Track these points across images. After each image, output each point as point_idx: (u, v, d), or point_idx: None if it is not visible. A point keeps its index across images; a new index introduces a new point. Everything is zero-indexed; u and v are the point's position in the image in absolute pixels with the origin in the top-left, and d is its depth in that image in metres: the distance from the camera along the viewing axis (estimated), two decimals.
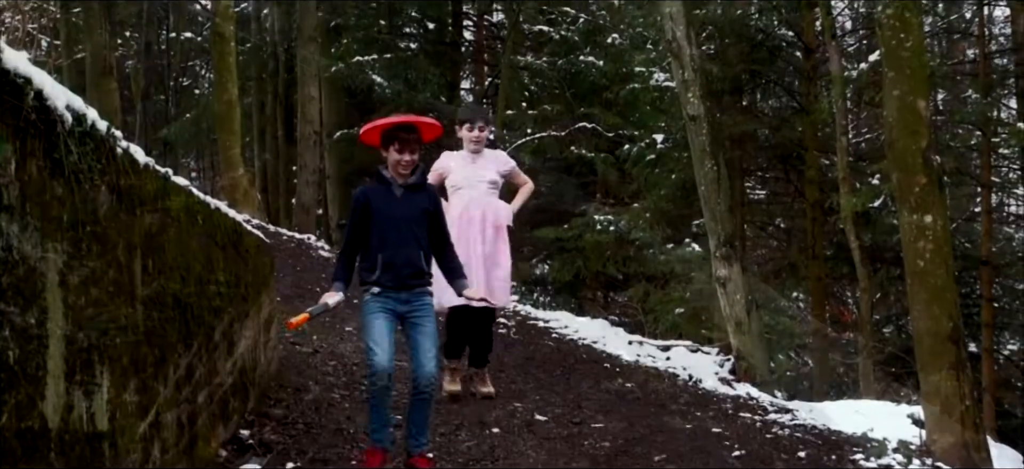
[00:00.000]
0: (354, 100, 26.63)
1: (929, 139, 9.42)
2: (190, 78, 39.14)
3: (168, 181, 5.73)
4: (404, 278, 6.89)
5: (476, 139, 9.66)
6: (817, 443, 9.36)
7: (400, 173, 7.02)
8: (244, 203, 20.56)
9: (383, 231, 6.92)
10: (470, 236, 9.33)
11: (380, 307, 6.85)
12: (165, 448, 5.59)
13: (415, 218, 7.02)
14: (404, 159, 6.96)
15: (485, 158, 9.77)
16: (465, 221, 9.37)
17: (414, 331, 6.92)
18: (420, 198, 7.11)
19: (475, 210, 9.47)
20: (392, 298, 6.88)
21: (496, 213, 9.60)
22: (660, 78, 21.03)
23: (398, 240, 6.92)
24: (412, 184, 7.08)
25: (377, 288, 6.89)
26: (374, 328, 6.77)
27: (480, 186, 9.59)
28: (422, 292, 7.01)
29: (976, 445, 9.34)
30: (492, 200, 9.66)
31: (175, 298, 5.81)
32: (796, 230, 23.33)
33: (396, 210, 6.98)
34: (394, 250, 6.90)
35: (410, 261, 6.94)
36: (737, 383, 12.99)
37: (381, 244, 6.91)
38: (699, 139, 13.63)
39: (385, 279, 6.88)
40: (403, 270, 6.90)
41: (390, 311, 6.87)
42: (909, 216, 9.42)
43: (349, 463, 7.23)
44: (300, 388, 8.92)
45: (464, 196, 9.54)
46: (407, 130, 7.03)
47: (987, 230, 17.67)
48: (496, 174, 9.74)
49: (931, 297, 9.37)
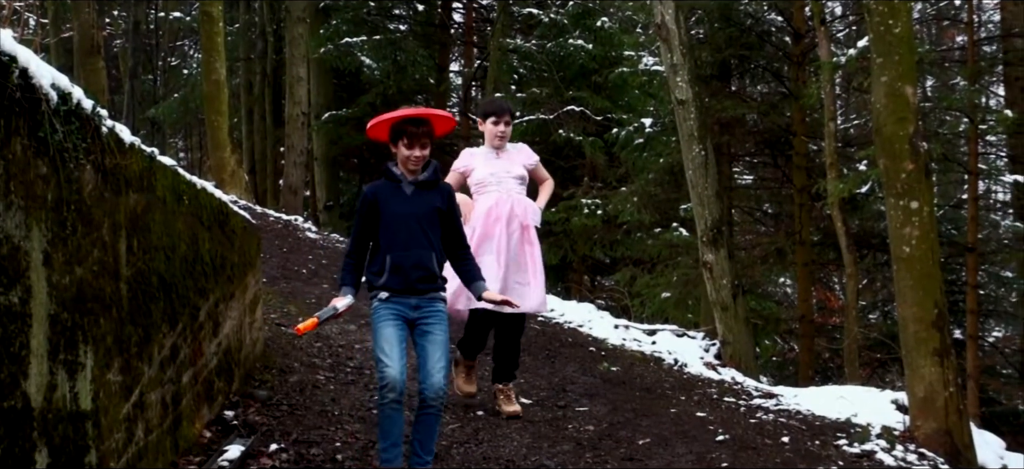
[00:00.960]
0: (342, 81, 26.61)
1: (916, 125, 9.43)
2: (178, 58, 39.12)
3: (154, 161, 5.72)
4: (413, 281, 6.46)
5: (502, 134, 8.87)
6: (801, 428, 9.39)
7: (410, 170, 6.56)
8: (231, 184, 20.53)
9: (391, 231, 6.49)
10: (497, 236, 8.57)
11: (389, 313, 6.42)
12: (149, 428, 5.59)
13: (426, 217, 6.55)
14: (414, 155, 6.49)
15: (509, 152, 8.99)
16: (491, 220, 8.59)
17: (423, 339, 6.47)
18: (431, 196, 6.61)
19: (503, 208, 8.64)
20: (401, 303, 6.45)
21: (525, 211, 8.77)
22: (649, 62, 21.04)
23: (407, 240, 6.47)
24: (423, 181, 6.60)
25: (385, 293, 6.46)
26: (383, 336, 6.33)
27: (508, 182, 8.79)
28: (434, 297, 6.57)
29: (959, 431, 9.38)
30: (521, 198, 8.84)
31: (160, 278, 5.81)
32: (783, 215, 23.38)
33: (405, 209, 6.52)
34: (403, 251, 6.46)
35: (420, 263, 6.48)
36: (722, 368, 13.03)
37: (389, 245, 6.48)
38: (687, 123, 13.65)
39: (393, 282, 6.45)
40: (412, 273, 6.45)
41: (400, 317, 6.44)
42: (896, 202, 9.44)
43: (333, 444, 7.23)
44: (285, 369, 8.92)
45: (491, 194, 8.73)
46: (417, 124, 6.52)
47: (973, 217, 17.69)
48: (523, 168, 8.96)
49: (916, 283, 9.39)
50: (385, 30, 25.60)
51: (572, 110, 22.42)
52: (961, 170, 19.25)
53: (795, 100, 19.21)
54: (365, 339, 10.70)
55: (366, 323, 11.65)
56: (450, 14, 28.43)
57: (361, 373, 9.32)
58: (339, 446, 7.21)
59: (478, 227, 8.52)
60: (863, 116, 23.33)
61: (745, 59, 20.75)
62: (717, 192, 13.88)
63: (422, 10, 27.69)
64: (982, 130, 17.85)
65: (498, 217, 8.60)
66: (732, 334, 13.68)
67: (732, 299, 13.69)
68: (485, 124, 8.95)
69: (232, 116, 26.46)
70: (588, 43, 23.32)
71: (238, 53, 30.80)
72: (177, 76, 36.49)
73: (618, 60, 22.80)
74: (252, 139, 30.28)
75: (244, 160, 28.50)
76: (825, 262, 22.04)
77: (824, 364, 22.22)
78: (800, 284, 20.03)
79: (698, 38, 20.09)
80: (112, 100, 29.80)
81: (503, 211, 8.63)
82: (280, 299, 11.89)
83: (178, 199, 6.21)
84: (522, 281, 8.65)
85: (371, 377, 9.14)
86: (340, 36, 24.26)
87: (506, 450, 7.79)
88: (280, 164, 28.07)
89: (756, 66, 21.45)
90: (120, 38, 34.84)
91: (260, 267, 9.30)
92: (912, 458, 8.92)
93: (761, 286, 23.34)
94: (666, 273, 20.16)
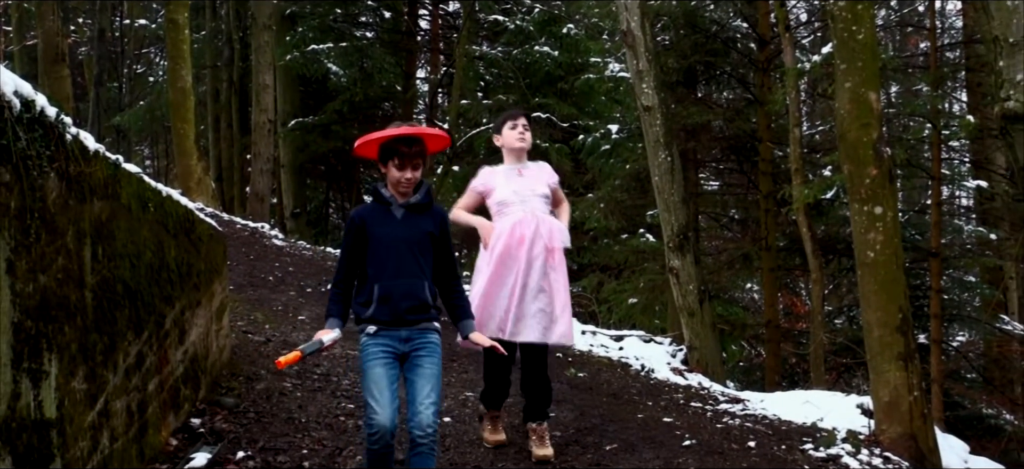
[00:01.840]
0: (309, 88, 26.58)
1: (880, 131, 9.49)
2: (144, 65, 38.97)
3: (119, 168, 5.70)
4: (403, 312, 5.94)
5: (521, 135, 8.07)
6: (767, 433, 9.43)
7: (401, 192, 6.06)
8: (198, 191, 20.50)
9: (380, 258, 5.99)
10: (519, 260, 7.71)
11: (378, 350, 5.90)
12: (114, 436, 5.56)
13: (417, 243, 6.05)
14: (406, 177, 5.99)
15: (532, 170, 8.16)
16: (514, 242, 7.74)
17: (412, 372, 5.95)
18: (423, 220, 6.12)
19: (527, 227, 7.77)
20: (390, 337, 5.94)
21: (551, 233, 7.86)
22: (615, 69, 21.12)
23: (397, 268, 5.97)
24: (415, 204, 6.10)
25: (373, 326, 5.94)
26: (372, 378, 5.83)
27: (533, 201, 7.92)
28: (425, 328, 6.03)
29: (924, 435, 9.44)
30: (547, 218, 7.95)
31: (125, 286, 5.78)
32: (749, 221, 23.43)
33: (395, 234, 6.02)
34: (392, 279, 5.95)
35: (410, 292, 5.98)
36: (689, 373, 13.07)
37: (378, 273, 5.97)
38: (653, 130, 13.69)
39: (381, 313, 5.94)
40: (402, 303, 5.94)
41: (390, 354, 5.92)
42: (860, 207, 9.50)
43: (300, 452, 7.21)
44: (252, 377, 8.89)
45: (514, 213, 7.85)
46: (409, 143, 5.99)
47: (936, 222, 17.77)
48: (547, 187, 8.08)
49: (881, 288, 9.45)
50: (351, 37, 25.57)
51: (538, 117, 22.43)
52: (925, 175, 19.35)
53: (760, 106, 19.28)
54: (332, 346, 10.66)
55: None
56: (416, 21, 28.40)
57: (328, 380, 9.30)
58: (306, 453, 7.20)
59: (498, 247, 7.73)
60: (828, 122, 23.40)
61: (711, 65, 20.79)
62: (683, 198, 13.92)
63: (388, 17, 27.67)
64: (945, 136, 17.96)
65: (522, 237, 7.75)
66: (699, 339, 13.72)
67: (699, 305, 13.72)
68: (502, 134, 8.16)
69: (198, 123, 26.44)
70: (554, 50, 23.35)
71: (204, 60, 30.74)
72: (143, 83, 36.41)
73: (584, 67, 22.88)
74: (219, 146, 30.22)
75: (211, 167, 28.47)
76: (791, 267, 22.11)
77: (790, 369, 22.30)
78: (766, 289, 20.09)
79: (664, 44, 20.12)
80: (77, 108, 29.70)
81: (527, 230, 7.77)
82: (247, 306, 11.86)
83: (143, 206, 6.18)
84: (545, 308, 7.75)
85: (338, 384, 9.14)
86: (306, 43, 24.21)
87: (472, 457, 7.80)
88: (247, 171, 27.98)
89: (722, 72, 21.50)
90: (85, 45, 34.73)
91: (227, 274, 9.27)
92: (877, 462, 8.97)
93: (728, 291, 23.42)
94: (633, 279, 20.20)
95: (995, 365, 21.73)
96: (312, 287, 14.14)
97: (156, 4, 35.00)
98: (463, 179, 22.88)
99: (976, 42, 20.06)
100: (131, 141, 35.57)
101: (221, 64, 29.96)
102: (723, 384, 12.97)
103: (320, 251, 18.42)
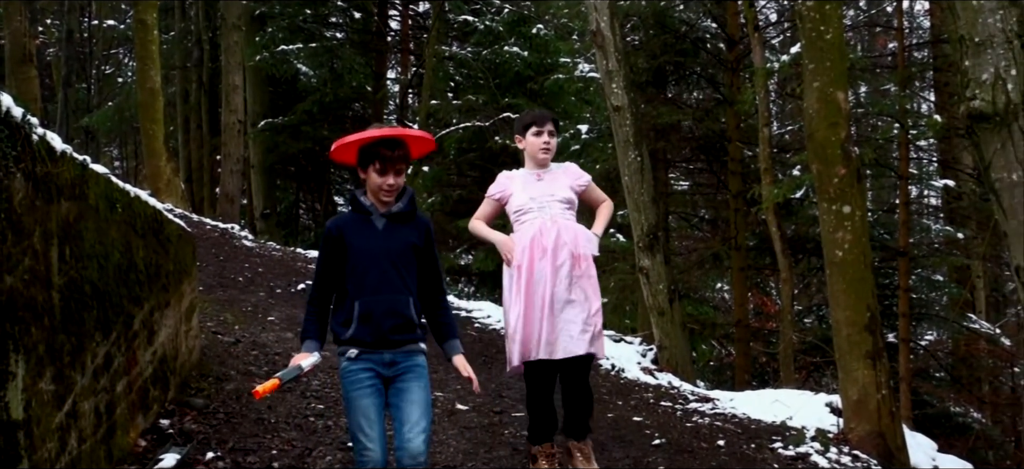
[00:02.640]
0: (279, 89, 26.52)
1: (848, 131, 9.55)
2: (113, 66, 38.80)
3: (86, 169, 5.67)
4: (386, 332, 5.45)
5: (546, 145, 7.48)
6: (737, 431, 9.47)
7: (382, 200, 5.55)
8: (167, 192, 20.44)
9: (360, 273, 5.49)
10: (543, 271, 7.21)
11: (363, 378, 5.42)
12: (82, 437, 5.54)
13: (400, 256, 5.56)
14: (387, 183, 5.48)
15: (553, 173, 7.61)
16: (536, 252, 7.25)
17: (399, 398, 5.47)
18: (407, 231, 5.63)
19: (548, 237, 7.26)
20: (372, 360, 5.45)
21: (575, 240, 7.33)
22: (585, 69, 21.16)
23: (378, 284, 5.48)
24: (397, 213, 5.61)
25: (354, 349, 5.45)
26: (359, 410, 5.40)
27: (553, 207, 7.40)
28: (411, 349, 5.55)
29: (892, 434, 9.49)
30: (569, 224, 7.42)
31: (93, 286, 5.76)
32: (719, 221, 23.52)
33: (376, 246, 5.53)
34: (373, 296, 5.46)
35: (393, 310, 5.48)
36: (659, 372, 13.10)
37: (357, 289, 5.47)
38: (623, 129, 13.71)
39: (362, 333, 5.45)
40: (384, 322, 5.45)
41: (375, 380, 5.45)
42: (828, 206, 9.55)
43: (270, 452, 7.20)
44: (222, 377, 8.87)
45: (534, 221, 7.36)
46: (391, 146, 5.49)
47: (904, 221, 17.87)
48: (570, 190, 7.52)
49: (849, 287, 9.50)
50: (321, 37, 25.54)
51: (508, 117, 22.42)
52: (893, 175, 19.45)
53: (730, 106, 19.35)
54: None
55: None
56: (386, 22, 28.38)
57: (297, 381, 9.28)
58: (276, 454, 7.18)
59: (524, 264, 7.24)
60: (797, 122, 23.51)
61: (680, 65, 20.88)
62: (653, 198, 13.94)
63: (358, 18, 27.64)
64: (913, 135, 18.05)
65: (544, 248, 7.24)
66: (669, 339, 13.74)
67: (668, 304, 13.75)
68: (525, 138, 7.58)
69: (168, 124, 26.38)
70: (524, 50, 23.34)
71: (173, 61, 30.69)
72: (111, 84, 36.25)
73: (554, 67, 22.88)
74: (188, 147, 30.15)
75: (180, 168, 28.39)
76: (761, 267, 22.20)
77: (760, 368, 22.37)
78: (736, 289, 20.15)
79: (633, 45, 20.19)
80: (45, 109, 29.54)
81: (549, 240, 7.26)
82: (217, 307, 11.83)
83: (111, 207, 6.16)
84: (575, 320, 7.19)
85: (308, 385, 9.12)
86: (276, 44, 24.15)
87: (442, 456, 7.80)
88: (216, 172, 27.94)
89: (691, 72, 21.59)
90: (53, 46, 34.58)
91: (196, 275, 9.24)
92: (846, 460, 9.02)
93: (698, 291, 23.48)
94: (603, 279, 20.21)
95: (963, 364, 21.87)
96: (282, 288, 14.12)
97: (124, 5, 34.86)
98: (433, 180, 22.90)
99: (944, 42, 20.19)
100: (100, 142, 35.45)
101: (190, 65, 29.89)
102: (693, 383, 13.00)
103: (290, 252, 18.39)
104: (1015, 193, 5.95)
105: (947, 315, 20.98)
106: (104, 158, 36.25)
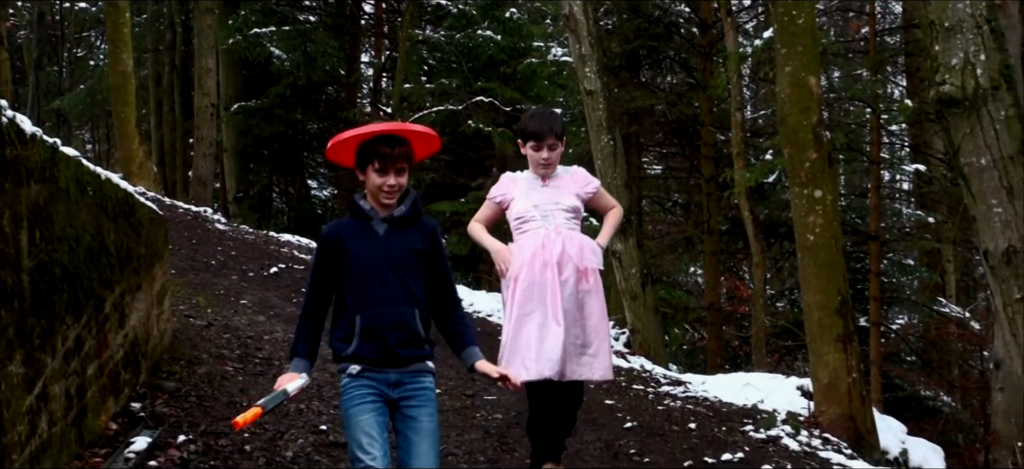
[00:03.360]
0: (252, 72, 26.45)
1: (820, 115, 9.59)
2: (85, 49, 38.55)
3: (57, 152, 5.66)
4: (391, 347, 4.89)
5: (545, 161, 6.79)
6: (708, 415, 9.51)
7: (383, 203, 4.98)
8: (139, 176, 20.33)
9: (361, 283, 4.94)
10: (545, 286, 6.53)
11: (364, 393, 4.88)
12: (53, 421, 5.53)
13: (404, 263, 4.99)
14: (388, 183, 4.92)
15: (559, 178, 6.95)
16: (538, 266, 6.57)
17: (406, 426, 4.94)
18: (411, 236, 5.07)
19: (552, 249, 6.59)
20: (377, 379, 4.89)
21: (581, 252, 6.67)
22: (558, 53, 21.16)
23: (382, 295, 4.93)
24: (400, 217, 5.04)
25: (355, 366, 4.89)
26: (359, 427, 4.85)
27: (556, 216, 6.75)
28: (419, 369, 5.00)
29: (862, 417, 9.55)
30: (574, 235, 6.76)
31: (64, 269, 5.75)
32: (692, 205, 23.60)
33: (378, 253, 4.96)
34: (376, 309, 4.91)
35: (400, 323, 4.93)
36: (631, 356, 13.13)
37: (359, 302, 4.92)
38: (596, 114, 13.73)
39: (365, 350, 4.89)
40: (390, 337, 4.89)
41: (378, 397, 4.90)
42: (800, 191, 9.59)
43: (241, 435, 7.19)
44: (193, 361, 8.85)
45: (537, 232, 6.69)
46: (392, 143, 4.93)
47: (875, 205, 17.95)
48: (576, 198, 6.86)
49: (820, 271, 9.55)
50: (294, 21, 25.48)
51: (481, 101, 22.39)
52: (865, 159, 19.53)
53: (703, 91, 19.42)
54: (274, 329, 10.65)
55: (275, 313, 11.64)
56: (360, 5, 28.35)
57: (270, 364, 9.28)
58: (247, 437, 7.18)
59: (521, 276, 6.56)
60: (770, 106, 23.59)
61: (653, 50, 20.93)
62: (626, 182, 13.97)
63: (332, 1, 27.60)
64: (884, 120, 18.13)
65: (546, 261, 6.57)
66: (641, 323, 13.78)
67: (641, 288, 13.78)
68: (526, 148, 6.91)
69: (140, 108, 26.24)
70: (497, 34, 23.33)
71: (146, 44, 30.54)
72: (83, 67, 36.03)
73: (527, 51, 22.87)
74: (161, 130, 30.04)
75: (153, 152, 28.27)
76: (733, 251, 22.29)
77: (733, 352, 22.47)
78: (708, 273, 20.22)
79: (607, 29, 20.22)
80: (16, 92, 29.40)
81: (552, 253, 6.58)
82: (189, 290, 11.79)
83: (82, 190, 6.14)
84: (583, 341, 6.61)
85: (280, 368, 9.10)
86: (249, 27, 24.09)
87: None
88: (189, 156, 27.81)
89: (664, 57, 21.65)
90: (24, 29, 34.32)
91: (168, 258, 9.22)
92: (816, 443, 9.07)
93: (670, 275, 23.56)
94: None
95: (933, 347, 22.00)
96: (254, 271, 14.09)
97: None
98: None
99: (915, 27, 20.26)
100: (71, 126, 35.27)
101: (163, 48, 29.79)
102: (665, 367, 13.05)
103: (263, 235, 18.34)
104: (984, 177, 6.00)
105: (918, 299, 21.12)
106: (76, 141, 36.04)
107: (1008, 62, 6.27)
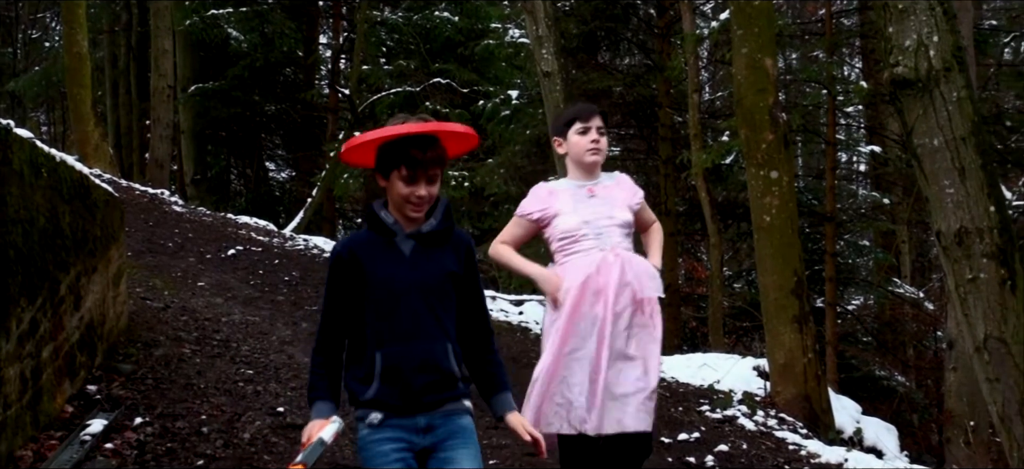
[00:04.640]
0: (209, 54, 26.31)
1: (776, 96, 9.65)
2: (40, 30, 38.24)
3: (10, 133, 5.62)
4: (418, 391, 3.95)
5: (594, 146, 5.70)
6: (665, 395, 9.54)
7: (410, 216, 4.00)
8: (95, 158, 20.21)
9: (383, 313, 3.98)
10: (599, 320, 5.38)
11: (389, 450, 3.93)
12: (8, 403, 5.51)
13: (436, 289, 4.04)
14: (417, 193, 3.95)
15: (605, 186, 5.80)
16: (590, 294, 5.41)
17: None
18: (443, 255, 4.11)
19: (609, 274, 5.42)
20: (403, 428, 3.96)
21: (639, 278, 5.49)
22: (515, 34, 21.14)
23: (407, 328, 3.97)
24: (429, 233, 4.07)
25: (377, 414, 3.95)
26: None
27: (611, 234, 5.58)
28: (453, 409, 4.06)
29: (818, 397, 9.63)
30: (632, 257, 5.58)
31: (18, 252, 5.71)
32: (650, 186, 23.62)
33: (403, 277, 4.00)
34: (401, 345, 3.95)
35: (429, 362, 3.98)
36: None
37: (379, 336, 3.97)
38: (553, 95, 13.73)
39: (388, 395, 3.94)
40: (416, 379, 3.94)
41: (403, 454, 3.95)
42: (756, 172, 9.65)
43: (198, 417, 7.17)
44: (150, 343, 8.81)
45: (590, 253, 5.50)
46: (422, 145, 3.94)
47: (831, 187, 18.06)
48: (628, 210, 5.71)
49: (776, 252, 9.61)
50: (251, 1, 25.36)
51: (439, 82, 22.42)
52: (821, 141, 19.65)
53: (660, 72, 19.45)
54: (231, 312, 10.62)
55: (232, 295, 11.61)
56: None
57: (227, 346, 9.25)
58: (205, 419, 7.17)
59: (567, 307, 5.41)
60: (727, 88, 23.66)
61: (611, 31, 20.92)
62: None
63: None
64: (840, 101, 18.23)
65: (600, 290, 5.42)
66: None
67: None
68: (566, 139, 5.80)
69: (96, 89, 26.09)
70: (454, 15, 23.37)
71: (101, 25, 30.30)
72: (38, 49, 35.79)
73: (484, 32, 22.91)
74: (117, 113, 29.91)
75: (109, 134, 28.10)
76: (691, 232, 22.37)
77: (690, 332, 22.56)
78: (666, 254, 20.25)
79: (564, 10, 20.19)
80: None
81: (610, 279, 5.42)
82: (146, 272, 11.74)
83: (36, 172, 6.10)
84: (632, 385, 5.39)
85: (238, 350, 9.09)
86: (206, 7, 23.99)
87: None
88: (146, 137, 27.64)
89: (622, 38, 21.65)
90: None
91: (124, 240, 9.17)
92: (772, 423, 9.13)
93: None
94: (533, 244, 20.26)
95: (888, 328, 22.19)
96: (212, 253, 14.03)
97: None
98: None
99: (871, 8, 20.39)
100: (26, 107, 34.95)
101: (119, 29, 29.62)
102: None
103: (221, 217, 18.27)
104: (936, 158, 6.04)
105: (873, 280, 21.28)
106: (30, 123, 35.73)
107: (960, 44, 6.32)
